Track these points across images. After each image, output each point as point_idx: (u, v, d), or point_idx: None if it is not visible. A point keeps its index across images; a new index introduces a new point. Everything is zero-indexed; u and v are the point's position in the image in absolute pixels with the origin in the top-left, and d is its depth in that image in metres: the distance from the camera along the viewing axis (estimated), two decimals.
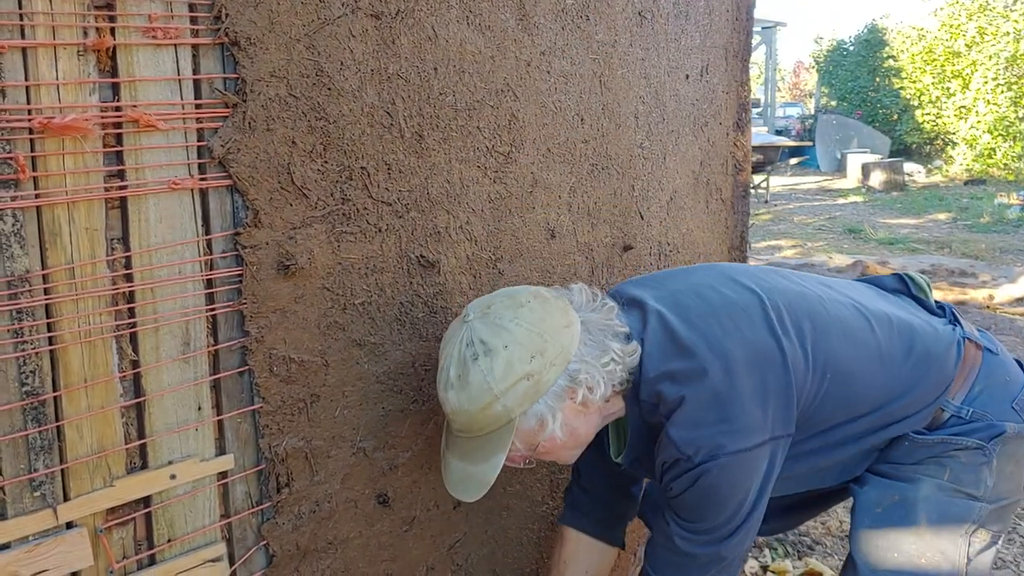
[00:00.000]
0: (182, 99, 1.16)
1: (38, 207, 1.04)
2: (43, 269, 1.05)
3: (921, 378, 1.46)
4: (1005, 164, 15.62)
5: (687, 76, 2.36)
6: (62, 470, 1.10)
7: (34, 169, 1.03)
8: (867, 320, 1.47)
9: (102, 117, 1.08)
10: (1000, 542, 1.55)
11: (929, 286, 1.67)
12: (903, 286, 1.66)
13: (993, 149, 15.74)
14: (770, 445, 1.33)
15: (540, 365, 1.27)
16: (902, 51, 19.10)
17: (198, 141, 1.19)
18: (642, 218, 2.16)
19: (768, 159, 12.89)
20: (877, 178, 14.53)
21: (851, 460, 1.53)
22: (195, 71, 1.18)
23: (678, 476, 1.32)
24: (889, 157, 16.54)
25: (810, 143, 17.21)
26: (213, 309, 1.23)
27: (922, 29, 18.49)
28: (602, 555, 1.71)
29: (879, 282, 1.69)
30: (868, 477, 1.55)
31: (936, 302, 1.66)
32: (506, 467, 1.34)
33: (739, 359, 1.32)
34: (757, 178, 13.00)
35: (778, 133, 18.23)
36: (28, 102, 1.02)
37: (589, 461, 1.61)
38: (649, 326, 1.38)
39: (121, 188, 1.11)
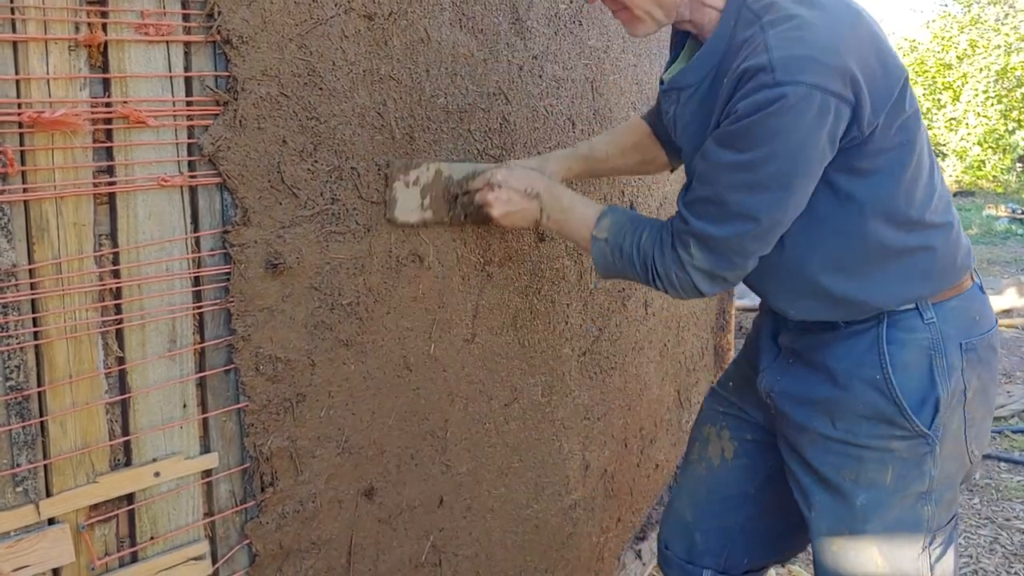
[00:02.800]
0: (173, 96, 1.16)
1: (26, 201, 1.04)
2: (30, 264, 1.05)
3: (944, 235, 1.41)
4: (994, 176, 15.73)
5: None
6: (45, 466, 1.09)
7: (23, 163, 1.03)
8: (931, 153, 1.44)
9: (92, 112, 1.08)
10: (957, 530, 1.52)
11: None
12: None
13: (983, 161, 15.86)
14: (842, 107, 1.24)
15: None
16: None
17: (188, 138, 1.19)
18: None
19: None
20: None
21: (837, 273, 1.41)
22: (187, 68, 1.18)
23: (751, 93, 1.24)
24: None
25: None
26: (200, 307, 1.23)
27: (914, 41, 18.62)
28: (655, 149, 1.75)
29: None
30: (816, 496, 1.49)
31: None
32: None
33: (856, 25, 1.29)
34: None
35: None
36: (18, 96, 1.02)
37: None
38: None
39: (110, 184, 1.11)
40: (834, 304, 1.44)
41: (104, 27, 1.08)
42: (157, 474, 1.20)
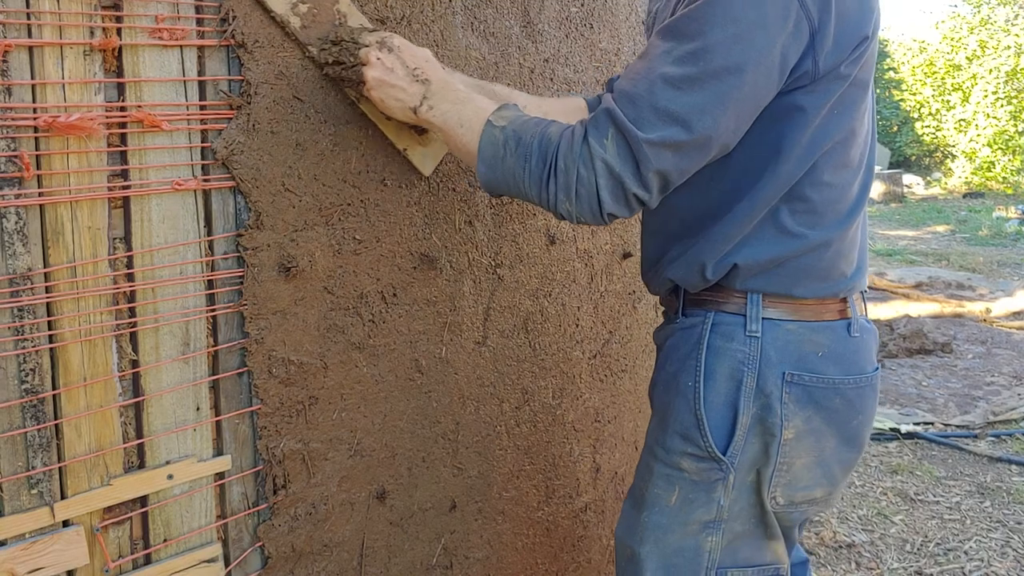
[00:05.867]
0: (187, 100, 1.17)
1: (41, 205, 1.04)
2: (45, 267, 1.05)
3: (824, 240, 1.26)
4: (1004, 178, 15.67)
5: None
6: (60, 468, 1.10)
7: (38, 167, 1.04)
8: (869, 152, 1.33)
9: (107, 117, 1.09)
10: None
11: None
12: None
13: (992, 162, 15.81)
14: (802, 21, 1.12)
15: None
16: (903, 63, 19.18)
17: (202, 142, 1.19)
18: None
19: None
20: (876, 189, 14.57)
21: (712, 232, 1.28)
22: (200, 72, 1.18)
23: None
24: (888, 169, 16.58)
25: None
26: (213, 310, 1.23)
27: (923, 42, 18.58)
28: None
29: None
30: (624, 504, 1.42)
31: None
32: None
33: None
34: None
35: None
36: (34, 100, 1.03)
37: None
38: None
39: (124, 188, 1.12)
40: (682, 248, 1.33)
41: (119, 32, 1.09)
42: (170, 477, 1.20)
